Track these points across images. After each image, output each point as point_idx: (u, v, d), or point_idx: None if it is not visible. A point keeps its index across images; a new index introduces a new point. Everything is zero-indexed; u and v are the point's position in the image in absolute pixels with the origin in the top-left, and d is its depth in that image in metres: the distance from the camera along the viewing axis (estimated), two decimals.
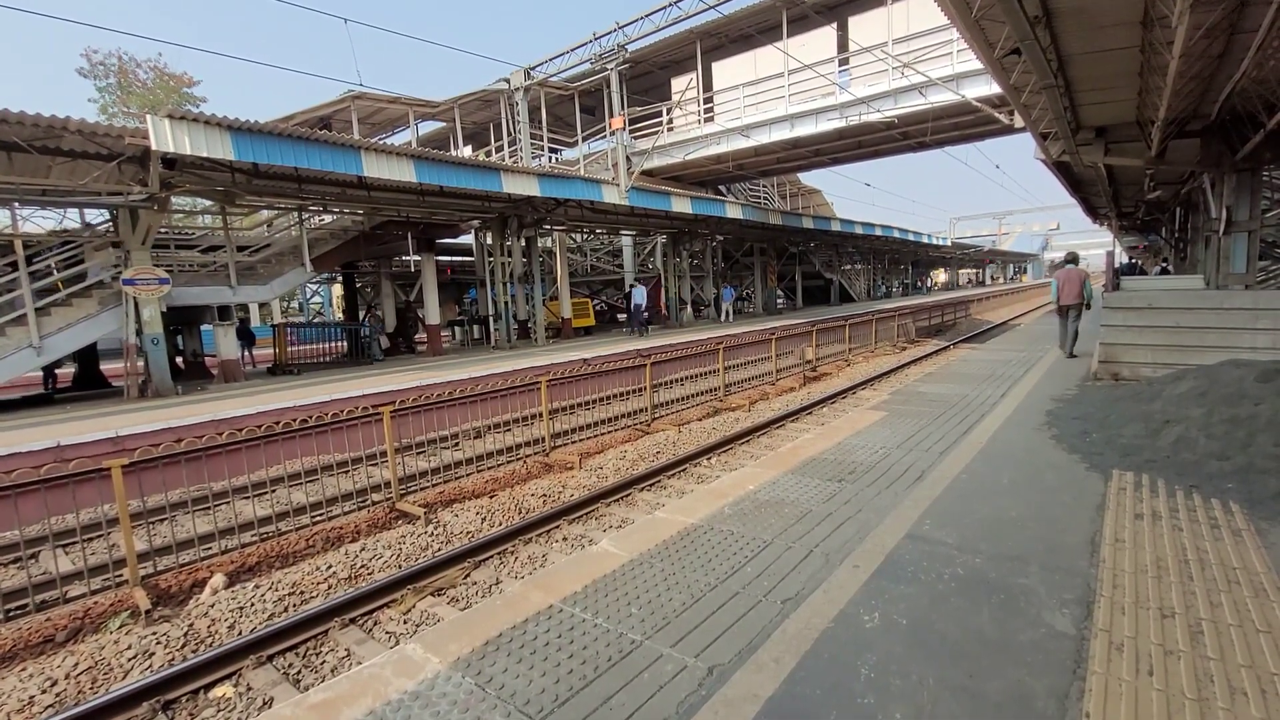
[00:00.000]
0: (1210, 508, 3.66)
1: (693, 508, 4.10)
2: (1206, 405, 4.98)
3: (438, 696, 2.30)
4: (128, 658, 4.08)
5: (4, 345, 8.97)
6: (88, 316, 9.88)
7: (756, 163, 22.26)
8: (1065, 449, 4.97)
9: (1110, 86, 7.50)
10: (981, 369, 9.54)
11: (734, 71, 19.68)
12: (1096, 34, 5.93)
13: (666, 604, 2.86)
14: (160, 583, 5.09)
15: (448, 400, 8.11)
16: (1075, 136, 9.46)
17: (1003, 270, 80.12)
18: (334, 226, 15.91)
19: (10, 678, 3.90)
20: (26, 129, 8.08)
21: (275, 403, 8.66)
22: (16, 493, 4.71)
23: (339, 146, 10.15)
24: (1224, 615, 2.55)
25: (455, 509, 6.56)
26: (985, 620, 2.59)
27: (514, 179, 13.14)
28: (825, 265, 31.87)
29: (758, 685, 2.25)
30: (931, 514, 3.76)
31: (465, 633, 2.72)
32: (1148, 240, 27.41)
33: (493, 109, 21.51)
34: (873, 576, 3.01)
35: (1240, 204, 9.04)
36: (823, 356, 15.79)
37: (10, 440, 6.88)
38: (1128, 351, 7.36)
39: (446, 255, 23.23)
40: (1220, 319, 6.73)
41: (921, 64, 15.08)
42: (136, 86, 30.33)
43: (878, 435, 5.79)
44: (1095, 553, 3.15)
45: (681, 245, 22.55)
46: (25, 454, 6.54)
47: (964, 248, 56.03)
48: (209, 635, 4.37)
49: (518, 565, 5.27)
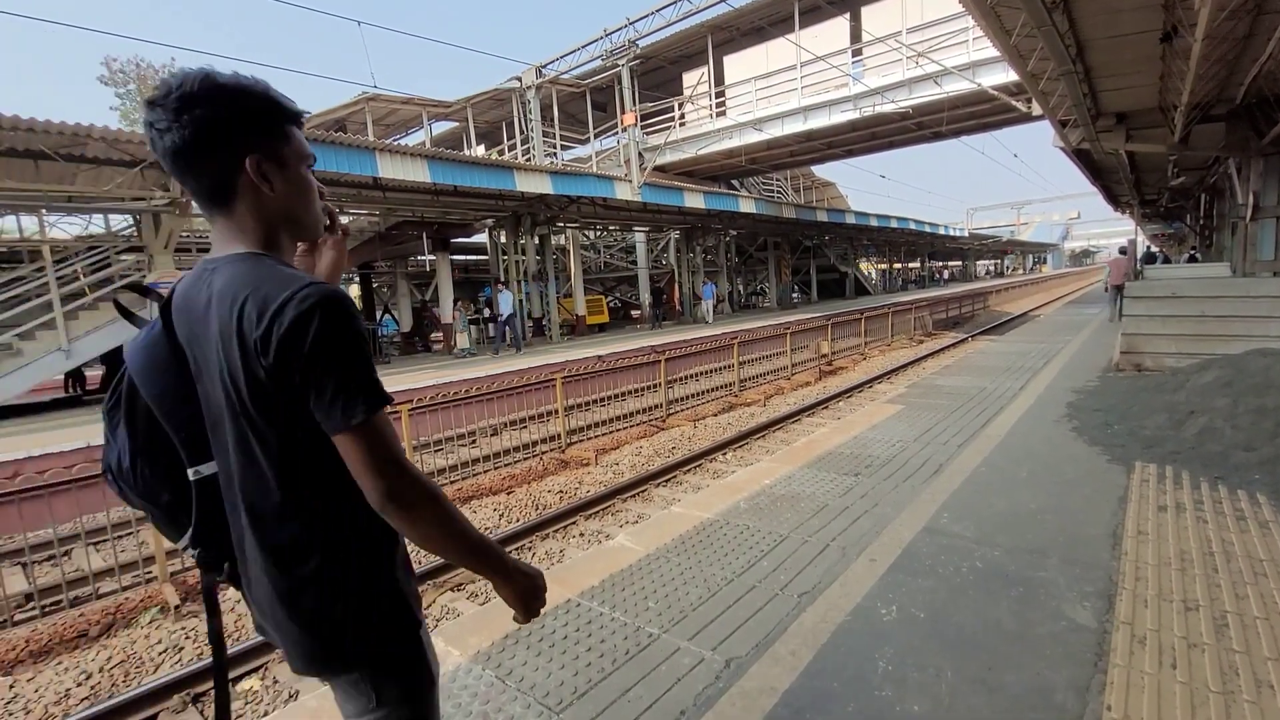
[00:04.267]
0: (1236, 499, 3.60)
1: (708, 503, 4.11)
2: (1232, 395, 4.89)
3: (459, 689, 2.34)
4: (158, 651, 4.19)
5: (34, 349, 9.21)
6: (114, 320, 10.10)
7: (769, 156, 22.11)
8: (1086, 441, 4.91)
9: (1131, 71, 7.34)
10: (1000, 361, 9.42)
11: (746, 65, 19.56)
12: (1116, 18, 5.81)
13: (683, 598, 2.88)
14: (188, 579, 5.21)
15: (464, 398, 8.19)
16: (1095, 123, 9.28)
17: (1021, 261, 78.86)
18: (350, 227, 16.11)
19: (47, 671, 4.02)
20: (52, 137, 8.27)
21: None
22: (50, 492, 4.85)
23: (354, 148, 10.28)
24: (1250, 608, 2.51)
25: (473, 505, 6.63)
26: (1004, 613, 2.58)
27: (527, 177, 13.21)
28: (840, 258, 31.62)
29: (775, 678, 2.26)
30: (949, 507, 3.74)
31: (484, 626, 2.76)
32: (1172, 228, 26.84)
33: (505, 108, 21.58)
34: (890, 570, 3.00)
35: (1268, 189, 8.81)
36: (838, 351, 15.68)
37: (43, 441, 7.08)
38: (1151, 341, 7.23)
39: (461, 254, 23.42)
40: (1246, 307, 6.59)
41: (936, 53, 14.87)
42: None
43: (894, 429, 5.75)
44: (1117, 545, 3.12)
45: (695, 241, 22.51)
46: (57, 454, 6.72)
47: (981, 238, 55.27)
48: (236, 630, 4.47)
49: (535, 560, 5.32)
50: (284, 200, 1.04)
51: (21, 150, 8.81)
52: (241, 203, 1.01)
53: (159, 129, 0.96)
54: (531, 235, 16.94)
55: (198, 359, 1.01)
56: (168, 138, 0.95)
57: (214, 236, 1.05)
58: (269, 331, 0.89)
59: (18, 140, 8.39)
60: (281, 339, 0.89)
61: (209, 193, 1.01)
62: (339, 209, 14.01)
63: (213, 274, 0.99)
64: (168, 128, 0.95)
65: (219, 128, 0.96)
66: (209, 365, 0.99)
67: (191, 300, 1.01)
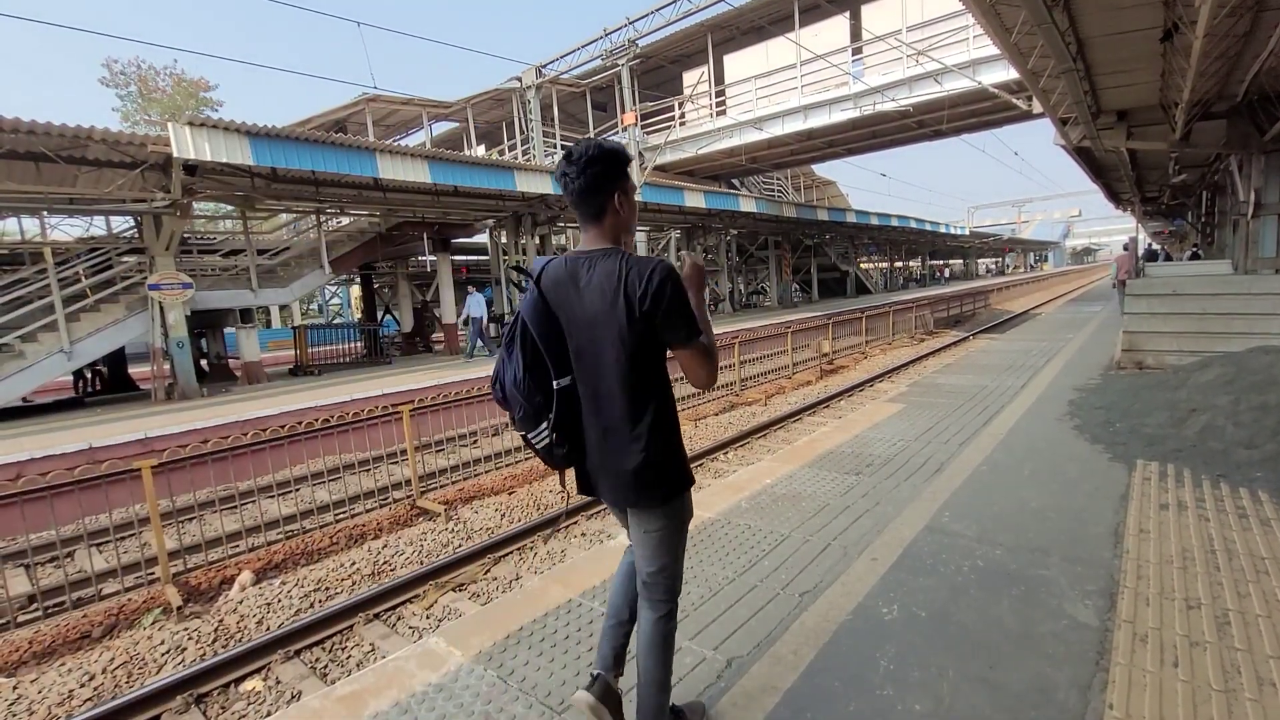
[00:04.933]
0: (1238, 497, 3.59)
1: (709, 502, 4.11)
2: (1234, 393, 4.88)
3: (461, 689, 2.35)
4: (161, 653, 4.20)
5: (37, 350, 9.22)
6: (115, 321, 10.12)
7: (770, 155, 22.11)
8: (1088, 439, 4.90)
9: (1132, 69, 7.33)
10: (1001, 359, 9.42)
11: (746, 64, 19.56)
12: (1116, 15, 5.80)
13: (684, 597, 2.85)
14: (190, 580, 5.22)
15: (466, 398, 8.19)
16: (1096, 121, 9.26)
17: (1022, 258, 78.72)
18: (351, 229, 16.11)
19: (50, 672, 4.03)
20: (54, 139, 8.28)
21: (297, 403, 8.81)
22: (53, 494, 4.86)
23: (354, 149, 10.27)
24: (1252, 606, 2.51)
25: (475, 505, 6.64)
26: (1006, 612, 2.58)
27: (527, 177, 13.20)
28: (841, 257, 31.59)
29: (776, 677, 2.27)
30: (950, 506, 3.74)
31: (486, 627, 2.77)
32: (1174, 225, 26.78)
33: (505, 108, 21.59)
34: (891, 569, 3.00)
35: (1269, 186, 8.79)
36: (839, 349, 15.67)
37: (45, 443, 7.09)
38: (1152, 339, 7.22)
39: (462, 255, 23.41)
40: (1248, 304, 6.57)
41: (936, 51, 14.87)
42: (156, 94, 30.90)
43: (896, 427, 5.75)
44: (1119, 543, 3.11)
45: (695, 240, 22.49)
46: (59, 456, 6.73)
47: (982, 236, 55.20)
48: (238, 631, 4.48)
49: (537, 560, 5.32)
50: (627, 217, 1.74)
51: (23, 152, 8.82)
52: (607, 219, 1.71)
53: (570, 177, 1.66)
54: (532, 235, 16.93)
55: (564, 314, 1.70)
56: (576, 183, 1.66)
57: (584, 239, 1.75)
58: (646, 287, 1.59)
59: (19, 143, 8.41)
60: (654, 292, 1.58)
61: (591, 215, 1.71)
62: (339, 209, 14.05)
63: (590, 260, 1.68)
64: (577, 177, 1.65)
65: (602, 177, 1.66)
66: (578, 317, 1.68)
67: (563, 276, 1.71)
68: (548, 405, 1.72)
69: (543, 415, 1.73)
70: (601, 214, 1.69)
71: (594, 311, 1.66)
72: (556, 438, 1.74)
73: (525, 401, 1.72)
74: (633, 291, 1.60)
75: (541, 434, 1.74)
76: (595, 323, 1.66)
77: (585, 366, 1.71)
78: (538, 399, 1.71)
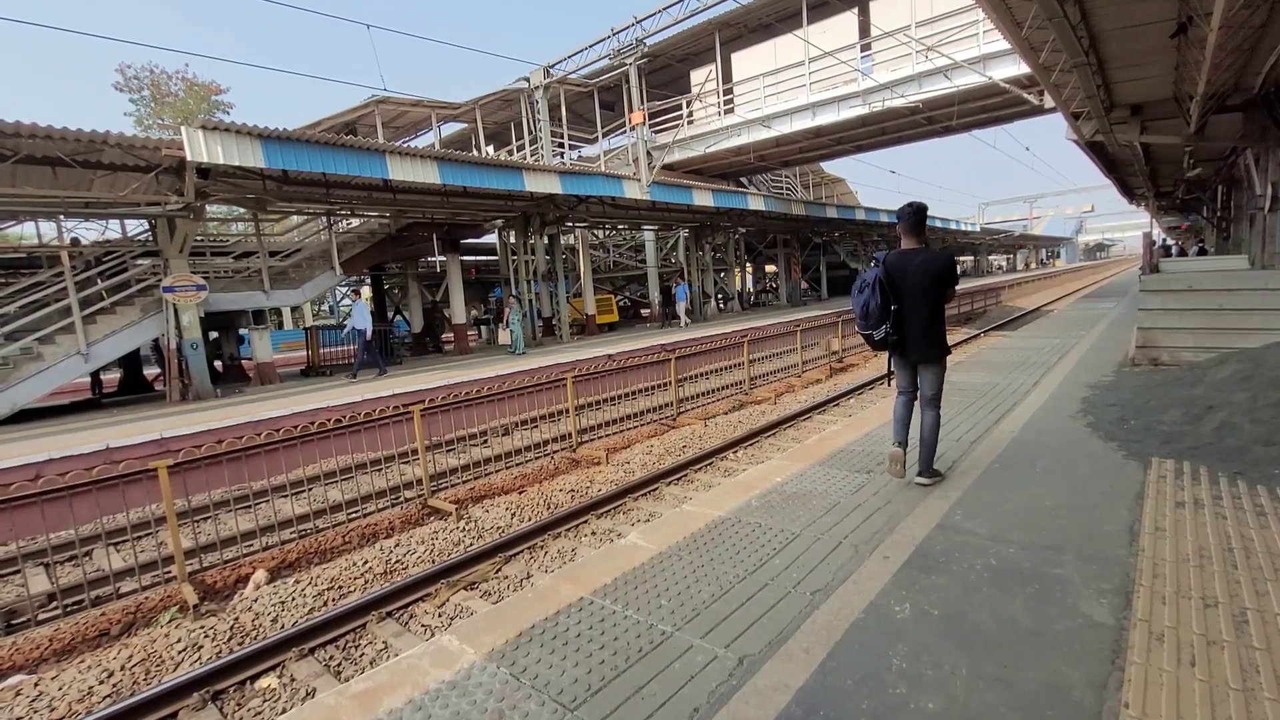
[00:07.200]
0: (1256, 494, 3.54)
1: (720, 501, 4.11)
2: (1251, 389, 4.81)
3: (474, 686, 2.36)
4: (178, 650, 4.26)
5: (54, 353, 9.36)
6: (130, 323, 10.24)
7: (778, 153, 22.03)
8: (1102, 436, 4.85)
9: (1145, 62, 7.24)
10: (1013, 356, 9.34)
11: (754, 61, 19.48)
12: (1129, 8, 5.73)
13: (695, 596, 2.88)
14: (206, 578, 5.29)
15: (476, 398, 8.23)
16: (1109, 115, 9.16)
17: (1035, 255, 77.95)
18: (361, 230, 16.22)
19: (70, 669, 4.09)
20: (70, 144, 8.40)
21: (310, 404, 8.89)
22: (71, 494, 4.93)
23: (364, 151, 10.34)
24: (1270, 604, 2.48)
25: (485, 505, 6.67)
26: (1019, 610, 2.56)
27: (536, 177, 13.24)
28: (850, 255, 31.44)
29: (788, 675, 2.26)
30: (963, 504, 3.72)
31: (498, 625, 2.78)
32: (1188, 220, 26.43)
33: (513, 108, 21.64)
34: (903, 567, 2.99)
35: None
36: (849, 347, 15.60)
37: (63, 444, 7.19)
38: (1167, 335, 7.13)
39: (471, 255, 23.51)
40: (1265, 300, 6.48)
41: (946, 46, 14.76)
42: (169, 98, 31.24)
43: None
44: (1134, 542, 3.08)
45: (704, 239, 22.46)
46: (77, 456, 6.83)
47: (993, 233, 54.69)
48: (253, 629, 4.53)
49: (548, 559, 5.35)
50: (928, 235, 4.01)
51: (40, 157, 8.95)
52: (925, 235, 3.94)
53: (907, 214, 3.91)
54: (541, 235, 16.98)
55: (897, 276, 3.82)
56: (911, 219, 3.90)
57: (904, 242, 3.92)
58: (938, 265, 3.80)
59: (36, 148, 8.53)
60: (942, 269, 3.79)
61: (914, 231, 3.89)
62: (350, 211, 14.15)
63: (916, 255, 3.83)
64: (911, 214, 3.90)
65: (922, 216, 3.92)
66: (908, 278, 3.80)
67: (901, 259, 3.84)
68: (885, 319, 3.78)
69: (883, 324, 3.79)
70: (922, 231, 3.90)
71: (914, 276, 3.77)
72: (892, 331, 3.81)
73: (880, 314, 3.78)
74: (932, 265, 3.76)
75: (884, 329, 3.79)
76: (914, 282, 3.77)
77: (908, 301, 3.80)
78: (885, 313, 3.78)
